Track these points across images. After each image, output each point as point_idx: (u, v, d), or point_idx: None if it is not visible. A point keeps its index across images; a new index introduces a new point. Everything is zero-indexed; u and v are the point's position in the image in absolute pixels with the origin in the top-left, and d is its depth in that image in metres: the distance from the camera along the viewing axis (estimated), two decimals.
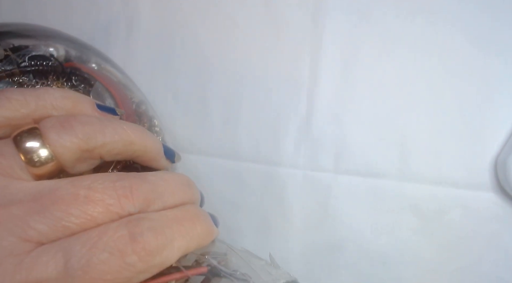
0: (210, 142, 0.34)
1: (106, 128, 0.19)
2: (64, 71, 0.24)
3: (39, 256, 0.15)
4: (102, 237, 0.16)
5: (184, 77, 0.35)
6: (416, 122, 0.31)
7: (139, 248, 0.16)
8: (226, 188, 0.34)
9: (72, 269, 0.15)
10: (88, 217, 0.16)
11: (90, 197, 0.16)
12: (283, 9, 0.33)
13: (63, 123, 0.18)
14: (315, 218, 0.33)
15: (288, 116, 0.33)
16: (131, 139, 0.20)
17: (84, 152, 0.18)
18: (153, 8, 0.35)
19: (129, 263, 0.16)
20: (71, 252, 0.15)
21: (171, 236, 0.17)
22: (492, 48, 0.30)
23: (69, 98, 0.20)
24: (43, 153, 0.17)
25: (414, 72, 0.31)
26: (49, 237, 0.15)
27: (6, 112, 0.18)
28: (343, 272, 0.32)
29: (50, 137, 0.17)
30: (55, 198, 0.16)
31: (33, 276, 0.15)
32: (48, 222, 0.15)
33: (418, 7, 0.31)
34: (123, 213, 0.17)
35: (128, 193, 0.17)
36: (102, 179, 0.17)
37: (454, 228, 0.30)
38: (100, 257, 0.15)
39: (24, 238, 0.15)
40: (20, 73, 0.23)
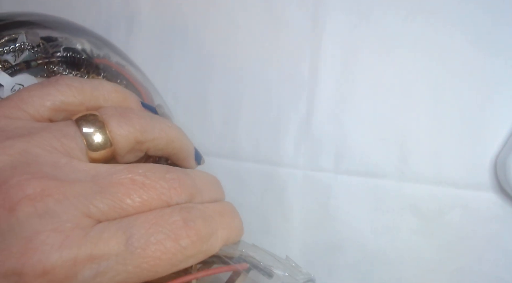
0: (210, 142, 0.34)
1: (156, 124, 0.20)
2: (96, 66, 0.26)
3: (102, 232, 0.16)
4: (158, 220, 0.17)
5: (184, 77, 0.35)
6: (416, 122, 0.31)
7: (192, 233, 0.17)
8: (226, 188, 0.34)
9: (133, 246, 0.16)
10: (143, 202, 0.17)
11: (145, 183, 0.18)
12: (283, 9, 0.33)
13: (122, 113, 0.19)
14: (315, 218, 0.33)
15: (288, 116, 0.33)
16: (173, 137, 0.21)
17: (137, 143, 0.20)
18: (153, 8, 0.35)
19: (182, 246, 0.17)
20: (131, 231, 0.16)
21: (215, 226, 0.19)
22: (492, 48, 0.30)
23: (120, 92, 0.21)
24: (103, 138, 0.18)
25: (414, 72, 0.31)
26: (107, 216, 0.17)
27: (65, 98, 0.19)
28: (343, 272, 0.32)
29: (111, 124, 0.19)
30: (114, 181, 0.17)
31: (98, 249, 0.16)
32: (108, 202, 0.17)
33: (418, 7, 0.31)
34: (171, 202, 0.18)
35: (177, 185, 0.18)
36: (154, 168, 0.18)
37: (454, 228, 0.30)
38: (158, 238, 0.16)
39: (87, 214, 0.16)
40: (57, 62, 0.24)
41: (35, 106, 0.19)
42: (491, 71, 0.30)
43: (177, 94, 0.35)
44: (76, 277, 0.15)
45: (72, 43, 0.25)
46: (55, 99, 0.19)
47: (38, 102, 0.19)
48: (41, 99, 0.19)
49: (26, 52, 0.24)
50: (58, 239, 0.15)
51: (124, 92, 0.22)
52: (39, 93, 0.19)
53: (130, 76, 0.27)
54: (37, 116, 0.19)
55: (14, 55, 0.24)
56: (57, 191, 0.16)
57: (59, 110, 0.19)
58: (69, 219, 0.16)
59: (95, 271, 0.15)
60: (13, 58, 0.24)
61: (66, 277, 0.15)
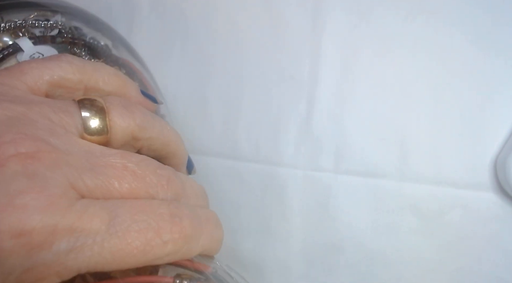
0: (210, 141, 0.34)
1: (156, 124, 0.20)
2: (116, 60, 0.26)
3: (87, 206, 0.15)
4: (146, 208, 0.17)
5: (184, 77, 0.35)
6: (416, 122, 0.31)
7: (176, 230, 0.17)
8: (226, 188, 0.34)
9: (114, 228, 0.15)
10: (131, 189, 0.17)
11: (136, 172, 0.17)
12: (283, 9, 0.33)
13: (126, 105, 0.19)
14: (315, 218, 0.33)
15: (288, 116, 0.33)
16: (169, 141, 0.21)
17: (133, 138, 0.19)
18: (153, 8, 0.35)
19: (163, 240, 0.16)
20: (117, 212, 0.16)
21: (200, 229, 0.18)
22: (492, 48, 0.30)
23: (120, 77, 0.21)
24: (101, 124, 0.18)
25: (414, 72, 0.31)
26: (92, 194, 0.16)
27: (65, 74, 0.19)
28: (343, 272, 0.32)
29: (112, 112, 0.19)
30: (107, 162, 0.17)
31: (80, 223, 0.15)
32: (96, 181, 0.16)
33: (418, 7, 0.31)
34: (157, 198, 0.18)
35: (165, 182, 0.18)
36: (147, 161, 0.18)
37: (454, 228, 0.30)
38: (141, 226, 0.16)
39: (74, 185, 0.16)
40: (81, 45, 0.24)
41: (34, 78, 0.19)
42: (491, 71, 0.30)
43: (177, 94, 0.35)
44: (51, 247, 0.14)
45: (98, 36, 0.26)
46: (54, 74, 0.19)
47: (37, 75, 0.19)
48: (40, 72, 0.19)
49: (56, 31, 0.24)
50: (42, 202, 0.14)
51: (124, 78, 0.22)
52: (40, 66, 0.19)
53: (144, 78, 0.28)
54: (35, 89, 0.19)
55: (44, 31, 0.24)
56: (50, 156, 0.15)
57: (57, 86, 0.19)
58: (57, 185, 0.15)
59: (72, 245, 0.15)
60: (40, 34, 0.24)
61: (41, 244, 0.14)
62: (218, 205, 0.34)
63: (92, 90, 0.20)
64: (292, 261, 0.33)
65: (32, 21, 0.24)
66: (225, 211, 0.34)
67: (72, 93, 0.20)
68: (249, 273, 0.34)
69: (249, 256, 0.33)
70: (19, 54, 0.22)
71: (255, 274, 0.34)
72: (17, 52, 0.22)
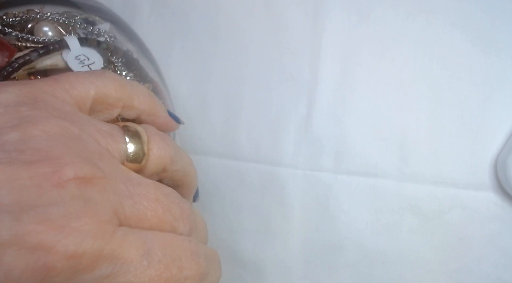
0: (210, 141, 0.34)
1: (183, 158, 0.21)
2: (146, 77, 0.27)
3: (126, 234, 0.16)
4: (173, 243, 0.17)
5: (184, 77, 0.35)
6: (416, 122, 0.31)
7: (195, 267, 0.18)
8: (226, 188, 0.34)
9: (147, 260, 0.16)
10: (159, 221, 0.18)
11: (165, 205, 0.18)
12: (283, 9, 0.33)
13: (162, 137, 0.20)
14: (315, 218, 0.33)
15: (288, 116, 0.33)
16: (189, 174, 0.22)
17: (163, 169, 0.20)
18: (153, 8, 0.35)
19: (185, 276, 0.17)
20: (151, 244, 0.17)
21: (210, 268, 0.19)
22: (492, 48, 0.30)
23: (152, 97, 0.22)
24: (141, 153, 0.19)
25: (414, 72, 0.31)
26: (128, 221, 0.17)
27: (108, 91, 0.20)
28: (343, 272, 0.32)
29: (152, 143, 0.19)
30: (142, 191, 0.18)
31: (120, 250, 0.16)
32: (133, 209, 0.17)
33: (418, 7, 0.31)
34: (177, 231, 0.19)
35: (185, 216, 0.19)
36: (174, 194, 0.19)
37: (454, 228, 0.30)
38: (168, 261, 0.17)
39: (116, 212, 0.16)
40: (120, 55, 0.25)
41: (80, 92, 0.19)
42: (491, 71, 0.30)
43: (177, 94, 0.35)
44: (93, 271, 0.15)
45: (130, 47, 0.27)
46: (99, 90, 0.20)
47: (84, 89, 0.19)
48: (87, 87, 0.19)
49: (102, 38, 0.25)
50: (94, 227, 0.15)
51: (155, 98, 0.22)
52: (86, 81, 0.19)
53: (165, 97, 0.28)
54: (81, 104, 0.19)
55: (88, 35, 0.24)
56: (101, 181, 0.16)
57: (99, 102, 0.20)
58: (105, 211, 0.16)
59: (110, 271, 0.15)
60: (84, 36, 0.24)
61: (86, 268, 0.15)
62: (218, 205, 0.34)
63: (127, 109, 0.21)
64: (292, 261, 0.33)
65: (80, 23, 0.24)
66: (225, 211, 0.34)
67: (111, 110, 0.20)
68: (249, 273, 0.34)
69: (249, 256, 0.34)
70: (65, 51, 0.23)
71: (255, 274, 0.34)
72: (63, 49, 0.23)
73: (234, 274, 0.34)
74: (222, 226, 0.34)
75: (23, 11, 0.23)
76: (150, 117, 0.22)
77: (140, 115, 0.22)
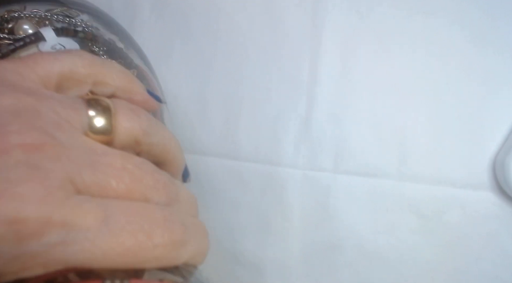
0: (210, 142, 0.34)
1: (159, 130, 0.20)
2: (131, 64, 0.27)
3: (82, 202, 0.16)
4: (140, 211, 0.17)
5: (184, 77, 0.35)
6: (415, 122, 0.31)
7: (167, 235, 0.17)
8: (226, 188, 0.34)
9: (107, 227, 0.16)
10: (127, 190, 0.17)
11: (135, 174, 0.17)
12: (283, 9, 0.33)
13: (132, 109, 0.20)
14: (315, 217, 0.33)
15: (288, 116, 0.33)
16: (169, 149, 0.21)
17: (135, 142, 0.19)
18: (153, 8, 0.35)
19: (154, 243, 0.16)
20: (110, 212, 0.16)
21: (190, 237, 0.18)
22: (492, 48, 0.30)
23: (127, 75, 0.22)
24: (107, 124, 0.18)
25: (414, 72, 0.31)
26: (89, 190, 0.16)
27: (74, 67, 0.20)
28: (343, 272, 0.32)
29: (118, 114, 0.19)
30: (107, 160, 0.17)
31: (73, 217, 0.15)
32: (94, 178, 0.16)
33: (418, 7, 0.31)
34: (152, 201, 0.18)
35: (161, 187, 0.18)
36: (146, 164, 0.18)
37: (453, 228, 0.31)
38: (134, 227, 0.16)
39: (72, 180, 0.16)
40: (101, 44, 0.25)
41: (45, 69, 0.19)
42: (490, 71, 0.30)
43: (177, 94, 0.35)
44: (41, 238, 0.14)
45: (115, 39, 0.27)
46: (65, 66, 0.19)
47: (48, 66, 0.19)
48: (52, 63, 0.19)
49: (79, 28, 0.24)
50: (40, 193, 0.15)
51: (131, 76, 0.22)
52: (51, 58, 0.19)
53: (153, 84, 0.28)
54: (46, 80, 0.19)
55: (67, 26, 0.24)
56: (53, 149, 0.16)
57: (66, 79, 0.20)
58: (56, 178, 0.15)
59: (62, 238, 0.15)
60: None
61: (32, 234, 0.14)
62: (218, 205, 0.34)
63: (99, 85, 0.21)
64: (291, 261, 0.33)
65: (57, 15, 0.24)
66: (225, 211, 0.34)
67: (80, 86, 0.20)
68: (249, 273, 0.34)
69: (248, 256, 0.33)
70: (41, 43, 0.23)
71: (254, 274, 0.34)
72: (39, 41, 0.22)
73: (234, 274, 0.34)
74: (222, 225, 0.34)
75: (3, 12, 0.23)
76: (126, 95, 0.22)
77: (116, 93, 0.21)
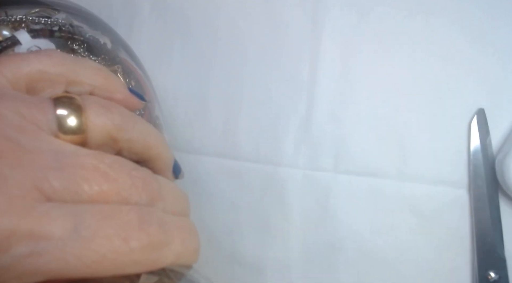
0: (210, 142, 0.34)
1: (137, 126, 0.19)
2: (114, 57, 0.26)
3: (49, 210, 0.15)
4: (113, 214, 0.16)
5: (184, 77, 0.35)
6: (415, 122, 0.31)
7: (144, 237, 0.16)
8: (226, 188, 0.34)
9: (78, 235, 0.15)
10: (101, 192, 0.16)
11: (109, 174, 0.16)
12: (283, 9, 0.33)
13: (104, 104, 0.18)
14: (315, 217, 0.33)
15: (288, 116, 0.33)
16: (152, 144, 0.20)
17: (110, 139, 0.18)
18: (154, 8, 0.35)
19: (131, 247, 0.16)
20: (82, 217, 0.15)
21: (171, 237, 0.17)
22: (491, 48, 0.30)
23: (103, 72, 0.21)
24: (76, 122, 0.17)
25: (414, 72, 0.31)
26: (59, 196, 0.15)
27: (44, 66, 0.19)
28: (343, 272, 0.32)
29: (88, 111, 0.18)
30: (77, 162, 0.16)
31: (40, 227, 0.14)
32: (63, 182, 0.15)
33: (418, 7, 0.31)
34: (130, 201, 0.17)
35: (140, 184, 0.17)
36: (121, 161, 0.17)
37: (453, 228, 0.31)
38: (107, 232, 0.15)
39: (38, 187, 0.15)
40: (80, 41, 0.24)
41: (12, 71, 0.18)
42: (490, 71, 0.30)
43: (177, 94, 0.35)
44: (8, 251, 0.14)
45: (97, 35, 0.26)
46: (33, 67, 0.18)
47: (15, 68, 0.18)
48: (19, 65, 0.18)
49: (56, 27, 0.24)
50: (1, 203, 0.14)
51: (109, 73, 0.21)
52: (19, 59, 0.18)
53: (141, 80, 0.27)
54: (14, 82, 0.18)
55: (44, 27, 0.24)
56: (14, 155, 0.15)
57: (37, 80, 0.19)
58: (18, 186, 0.14)
59: (30, 250, 0.14)
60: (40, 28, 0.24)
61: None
62: (218, 205, 0.34)
63: (74, 84, 0.20)
64: (291, 261, 0.33)
65: (33, 17, 0.24)
66: (225, 211, 0.34)
67: (52, 87, 0.19)
68: (249, 273, 0.34)
69: (249, 256, 0.33)
70: (17, 47, 0.22)
71: (254, 274, 0.34)
72: (15, 45, 0.22)
73: (234, 274, 0.34)
74: (222, 226, 0.34)
75: None
76: (105, 93, 0.20)
77: (94, 92, 0.20)
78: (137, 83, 0.27)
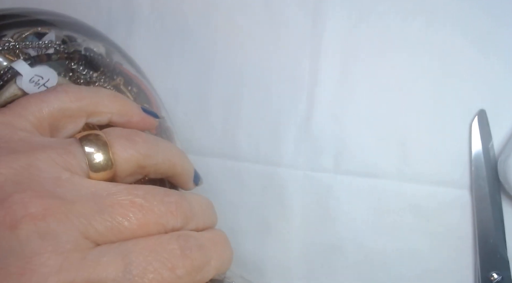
0: (210, 142, 0.34)
1: (160, 149, 0.20)
2: (113, 69, 0.26)
3: (100, 256, 0.16)
4: (157, 247, 0.17)
5: (184, 77, 0.35)
6: (416, 122, 0.31)
7: (188, 263, 0.17)
8: (226, 188, 0.34)
9: (130, 274, 0.16)
10: (141, 225, 0.17)
11: (144, 206, 0.17)
12: (283, 9, 0.33)
13: (127, 136, 0.19)
14: (315, 218, 0.33)
15: (288, 116, 0.33)
16: (176, 162, 0.21)
17: (139, 167, 0.19)
18: (153, 8, 0.35)
19: (178, 275, 0.17)
20: (130, 257, 0.16)
21: (210, 255, 0.18)
22: (492, 48, 0.30)
23: (119, 98, 0.22)
24: (105, 159, 0.18)
25: (414, 72, 0.31)
26: (105, 238, 0.16)
27: (63, 104, 0.20)
28: (343, 272, 0.32)
29: (115, 146, 0.19)
30: (114, 201, 0.17)
31: (95, 274, 0.15)
32: (106, 224, 0.16)
33: (418, 7, 0.31)
34: (167, 226, 0.18)
35: (174, 208, 0.18)
36: (153, 191, 0.18)
37: (455, 229, 0.30)
38: (155, 266, 0.16)
39: (85, 235, 0.16)
40: (78, 59, 0.24)
41: (34, 114, 0.19)
42: (491, 71, 0.30)
43: (177, 94, 0.35)
44: None
45: (91, 45, 0.26)
46: (53, 106, 0.19)
47: (37, 110, 0.19)
48: (39, 106, 0.19)
49: (51, 50, 0.24)
50: (57, 261, 0.15)
51: (123, 98, 0.22)
52: (37, 100, 0.19)
53: (142, 84, 0.28)
54: (38, 125, 0.19)
55: (38, 51, 0.24)
56: (59, 210, 0.16)
57: (59, 118, 0.20)
58: (69, 240, 0.15)
59: None
60: (35, 53, 0.24)
61: None
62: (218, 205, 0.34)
63: (94, 115, 0.20)
64: (292, 261, 0.33)
65: (26, 42, 0.23)
66: (225, 211, 0.34)
67: (74, 122, 0.20)
68: (249, 273, 0.34)
69: (249, 256, 0.34)
70: (18, 78, 0.22)
71: (255, 274, 0.34)
72: (15, 76, 0.22)
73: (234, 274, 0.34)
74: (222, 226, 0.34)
75: None
76: (123, 118, 0.21)
77: (112, 119, 0.21)
78: (139, 89, 0.27)
